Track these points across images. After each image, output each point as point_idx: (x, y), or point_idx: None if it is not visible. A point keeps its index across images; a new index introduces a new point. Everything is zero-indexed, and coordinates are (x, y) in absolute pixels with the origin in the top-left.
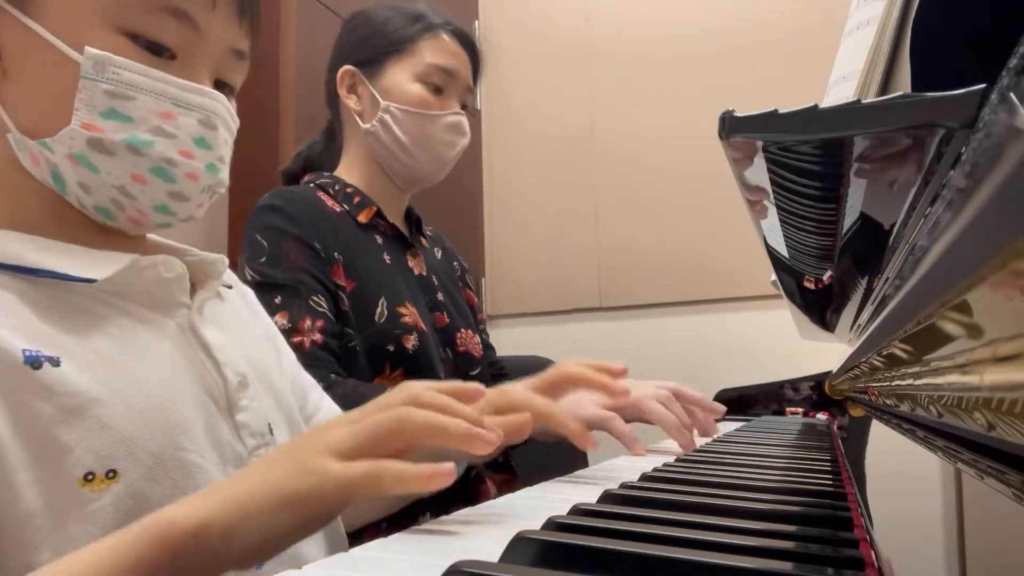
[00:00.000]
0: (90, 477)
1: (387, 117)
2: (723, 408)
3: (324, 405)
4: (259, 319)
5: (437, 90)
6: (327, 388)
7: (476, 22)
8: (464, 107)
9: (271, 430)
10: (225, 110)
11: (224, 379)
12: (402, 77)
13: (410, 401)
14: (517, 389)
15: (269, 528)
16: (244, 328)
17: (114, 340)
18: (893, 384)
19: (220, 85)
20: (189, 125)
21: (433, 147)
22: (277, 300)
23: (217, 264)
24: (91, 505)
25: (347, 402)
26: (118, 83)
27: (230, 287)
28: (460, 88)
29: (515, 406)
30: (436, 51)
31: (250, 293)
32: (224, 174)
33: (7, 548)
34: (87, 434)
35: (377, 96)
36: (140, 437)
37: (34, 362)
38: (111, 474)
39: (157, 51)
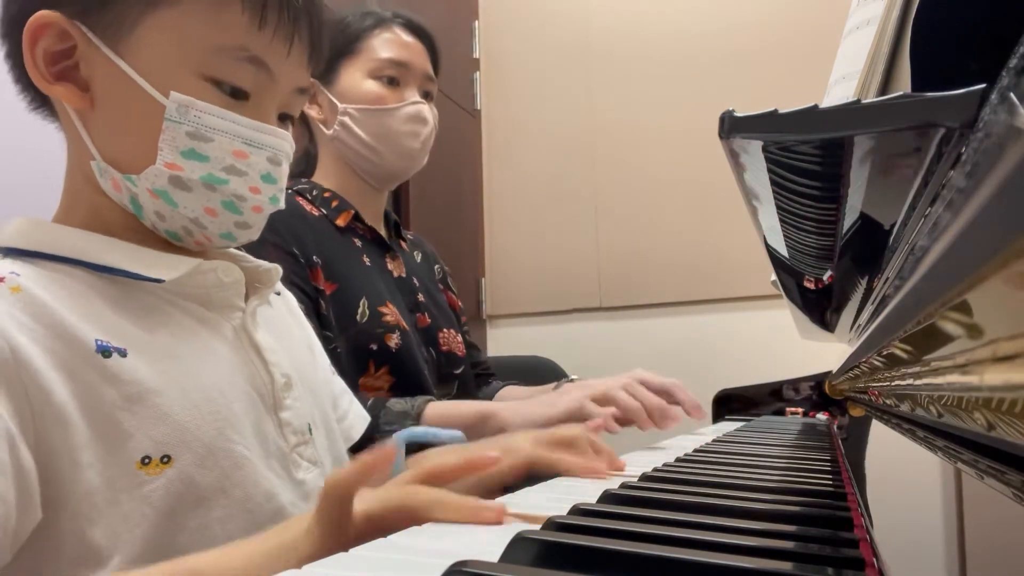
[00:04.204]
0: (147, 461)
1: (346, 119)
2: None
3: (352, 410)
4: (300, 325)
5: (392, 82)
6: None
7: (476, 22)
8: (428, 96)
9: (310, 429)
10: (289, 145)
11: (272, 379)
12: (356, 77)
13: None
14: (520, 442)
15: None
16: (288, 333)
17: (176, 337)
18: (893, 384)
19: (282, 117)
20: (259, 163)
21: (396, 140)
22: None
23: (272, 272)
24: (146, 487)
25: None
26: (198, 125)
27: (278, 294)
28: (418, 77)
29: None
30: (386, 45)
31: (292, 300)
32: (282, 201)
33: (63, 519)
34: (146, 421)
35: (335, 101)
36: (193, 427)
37: (104, 351)
38: (165, 459)
39: (234, 94)
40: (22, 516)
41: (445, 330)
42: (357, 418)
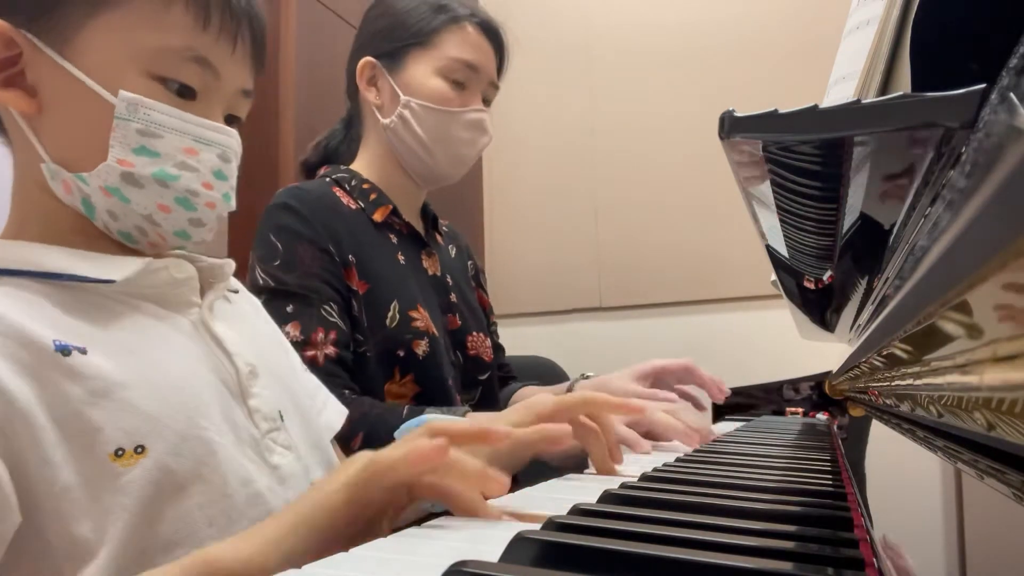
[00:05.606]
0: (120, 452)
1: (407, 112)
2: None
3: (330, 404)
4: (267, 324)
5: (459, 85)
6: (345, 406)
7: None
8: (487, 102)
9: (281, 416)
10: (237, 144)
11: (236, 368)
12: (424, 71)
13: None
14: (541, 402)
15: (304, 559)
16: (252, 328)
17: (135, 333)
18: (893, 384)
19: (229, 119)
20: (210, 160)
21: (453, 145)
22: (289, 309)
23: (224, 267)
24: (123, 478)
25: (365, 422)
26: (148, 123)
27: (236, 291)
28: (484, 83)
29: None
30: (459, 44)
31: (257, 302)
32: (233, 201)
33: (46, 519)
34: (115, 413)
35: (398, 90)
36: (163, 416)
37: (64, 350)
38: (139, 449)
39: (182, 93)
40: None
41: (474, 333)
42: (335, 413)
